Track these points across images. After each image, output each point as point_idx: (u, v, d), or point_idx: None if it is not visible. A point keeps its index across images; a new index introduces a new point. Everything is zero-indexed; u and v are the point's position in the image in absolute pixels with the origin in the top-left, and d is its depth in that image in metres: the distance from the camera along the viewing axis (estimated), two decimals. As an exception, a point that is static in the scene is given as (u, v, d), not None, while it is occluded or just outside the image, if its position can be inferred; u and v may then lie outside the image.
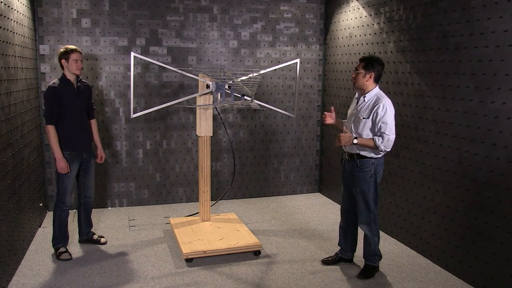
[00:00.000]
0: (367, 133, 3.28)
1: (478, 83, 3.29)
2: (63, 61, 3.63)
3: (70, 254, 3.75)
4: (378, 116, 3.21)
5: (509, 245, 3.05)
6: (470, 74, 3.36)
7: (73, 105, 3.68)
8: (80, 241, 4.07)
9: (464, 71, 3.41)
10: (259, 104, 4.16)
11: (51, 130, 3.58)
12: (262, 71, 4.28)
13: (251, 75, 4.03)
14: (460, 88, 3.45)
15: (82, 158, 3.79)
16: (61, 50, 3.65)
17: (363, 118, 3.28)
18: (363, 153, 3.33)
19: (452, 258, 3.57)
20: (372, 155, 3.32)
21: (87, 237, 4.05)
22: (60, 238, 3.79)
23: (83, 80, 3.85)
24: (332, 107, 3.61)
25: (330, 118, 3.55)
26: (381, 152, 3.29)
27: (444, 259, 3.66)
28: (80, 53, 3.68)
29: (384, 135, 3.19)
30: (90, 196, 3.98)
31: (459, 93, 3.47)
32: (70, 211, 4.92)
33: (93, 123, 3.98)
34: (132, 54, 3.91)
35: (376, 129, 3.24)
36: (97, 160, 4.04)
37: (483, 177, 3.26)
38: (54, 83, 3.63)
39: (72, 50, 3.63)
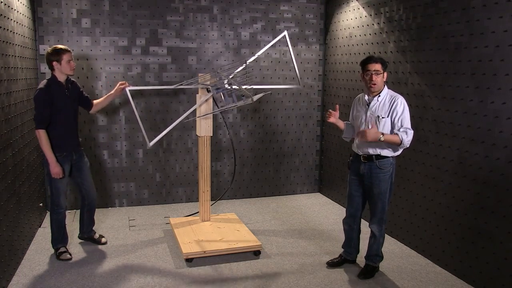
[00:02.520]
0: (387, 132, 3.25)
1: (478, 83, 3.29)
2: (54, 63, 3.51)
3: (70, 254, 3.75)
4: (398, 113, 3.20)
5: (509, 245, 3.05)
6: (470, 74, 3.36)
7: (64, 106, 3.60)
8: (80, 237, 4.05)
9: (464, 71, 3.41)
10: (259, 96, 4.10)
11: (42, 135, 3.47)
12: (250, 59, 4.15)
13: (240, 68, 3.98)
14: (460, 88, 3.45)
15: (72, 159, 3.72)
16: (49, 51, 3.51)
17: (383, 117, 3.25)
18: (384, 153, 3.29)
19: (452, 258, 3.57)
20: (392, 154, 3.30)
21: (88, 235, 4.04)
22: (59, 239, 3.78)
23: (71, 80, 3.74)
24: (337, 105, 3.55)
25: (333, 117, 3.48)
26: (399, 149, 3.26)
27: (444, 259, 3.66)
28: (71, 52, 3.61)
29: (408, 130, 3.18)
30: (93, 197, 3.94)
31: (459, 93, 3.47)
32: (69, 211, 4.95)
33: (94, 103, 3.92)
34: (127, 89, 3.89)
35: (397, 126, 3.21)
36: (123, 84, 3.92)
37: (483, 177, 3.26)
38: (45, 86, 3.50)
39: (64, 51, 3.52)
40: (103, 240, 4.07)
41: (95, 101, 3.97)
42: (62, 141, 3.61)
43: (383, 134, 3.16)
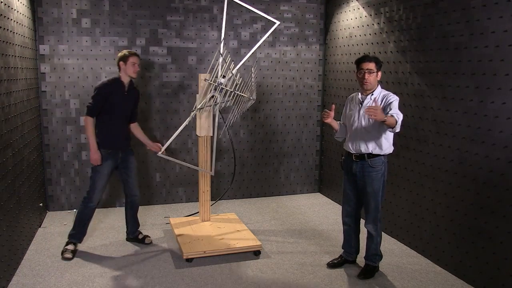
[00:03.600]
0: (381, 128, 3.25)
1: (478, 83, 3.29)
2: (121, 63, 3.74)
3: (72, 255, 3.75)
4: (390, 103, 3.21)
5: (509, 245, 3.05)
6: (470, 74, 3.36)
7: (119, 106, 3.76)
8: (127, 239, 4.15)
9: (464, 71, 3.41)
10: (255, 85, 4.07)
11: (89, 122, 3.66)
12: (221, 47, 4.01)
13: (221, 62, 3.93)
14: (460, 88, 3.45)
15: (118, 157, 3.84)
16: (120, 54, 3.75)
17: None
18: (375, 151, 3.30)
19: (452, 258, 3.57)
20: (384, 152, 3.30)
21: (133, 235, 4.11)
22: (75, 233, 3.84)
23: (134, 85, 3.93)
24: (333, 105, 3.54)
25: (330, 117, 3.47)
26: (393, 131, 3.19)
27: (444, 259, 3.66)
28: (138, 57, 3.80)
29: (399, 113, 3.14)
30: (135, 194, 4.02)
31: (459, 93, 3.47)
32: (69, 211, 4.95)
33: (136, 125, 4.10)
34: (159, 154, 4.02)
35: (388, 109, 3.17)
36: (155, 149, 4.10)
37: (483, 177, 3.26)
38: (109, 81, 3.75)
39: (132, 54, 3.75)
40: (147, 240, 4.10)
41: (136, 128, 4.10)
42: (110, 138, 3.76)
43: (386, 115, 3.09)
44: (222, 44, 4.02)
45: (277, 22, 4.22)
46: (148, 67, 5.03)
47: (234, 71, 3.90)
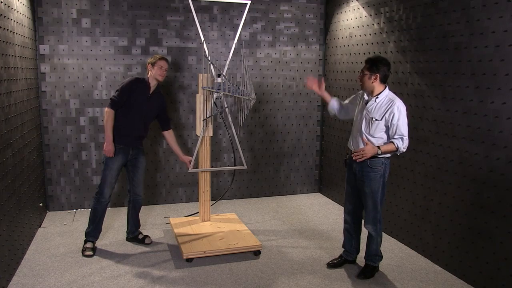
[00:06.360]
0: (380, 135, 3.26)
1: (478, 83, 3.29)
2: (149, 66, 3.80)
3: (92, 251, 3.81)
4: (394, 119, 3.19)
5: (509, 245, 3.05)
6: (470, 74, 3.36)
7: (139, 106, 3.79)
8: (126, 239, 4.15)
9: (464, 71, 3.41)
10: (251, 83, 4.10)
11: (110, 114, 3.71)
12: (205, 48, 4.04)
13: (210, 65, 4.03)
14: (460, 88, 3.45)
15: (128, 154, 3.87)
16: (151, 57, 3.81)
17: (376, 119, 3.24)
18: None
19: (452, 258, 3.57)
20: (382, 156, 3.31)
21: (133, 236, 4.12)
22: (91, 229, 3.87)
23: (159, 90, 3.95)
24: (323, 78, 3.64)
25: (312, 83, 3.57)
26: (397, 153, 3.30)
27: (444, 259, 3.66)
28: (167, 61, 3.84)
29: (403, 137, 3.19)
30: (139, 193, 4.02)
31: (459, 93, 3.47)
32: (69, 211, 4.95)
33: (170, 133, 4.13)
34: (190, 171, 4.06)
35: (392, 132, 3.21)
36: (185, 163, 4.18)
37: (483, 177, 3.26)
38: (136, 79, 3.80)
39: (162, 58, 3.80)
40: (147, 240, 4.10)
41: (170, 136, 4.13)
42: (122, 134, 3.80)
43: (379, 147, 3.21)
44: (205, 45, 4.11)
45: (248, 2, 4.28)
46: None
47: (224, 72, 3.91)
